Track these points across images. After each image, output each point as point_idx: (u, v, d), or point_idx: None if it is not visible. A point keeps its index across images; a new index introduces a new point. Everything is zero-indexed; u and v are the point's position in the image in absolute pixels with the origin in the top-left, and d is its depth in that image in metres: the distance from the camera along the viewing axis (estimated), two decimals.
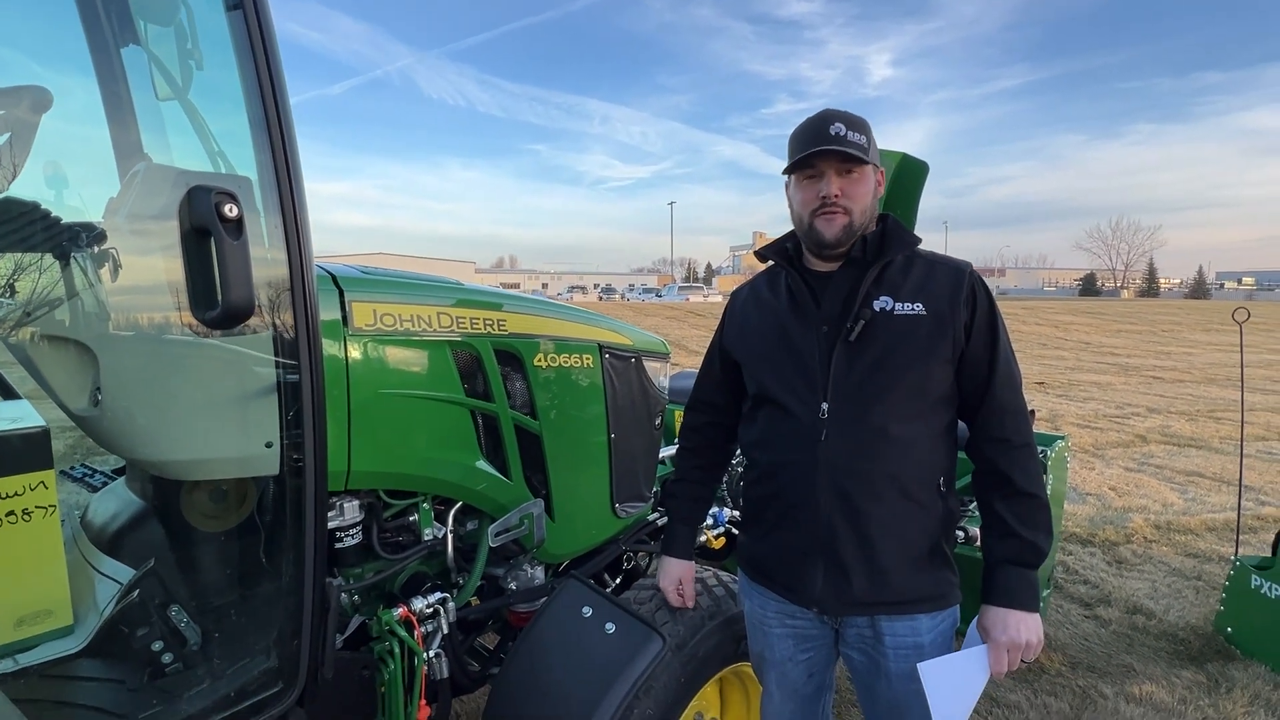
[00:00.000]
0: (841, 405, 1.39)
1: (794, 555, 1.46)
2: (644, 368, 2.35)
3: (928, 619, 1.42)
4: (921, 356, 1.38)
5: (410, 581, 1.83)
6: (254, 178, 1.21)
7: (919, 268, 1.44)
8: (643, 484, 2.44)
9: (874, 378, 1.38)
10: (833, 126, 1.38)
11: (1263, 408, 9.82)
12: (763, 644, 1.60)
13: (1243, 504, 5.30)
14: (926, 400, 1.41)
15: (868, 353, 1.39)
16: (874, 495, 1.38)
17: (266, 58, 1.15)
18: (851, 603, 1.42)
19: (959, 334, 1.39)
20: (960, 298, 1.39)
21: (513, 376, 1.93)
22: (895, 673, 1.43)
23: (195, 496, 1.45)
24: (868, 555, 1.39)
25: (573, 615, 1.68)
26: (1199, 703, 2.72)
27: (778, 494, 1.48)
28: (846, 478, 1.38)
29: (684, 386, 4.21)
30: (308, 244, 1.21)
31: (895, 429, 1.38)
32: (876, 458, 1.38)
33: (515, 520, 1.85)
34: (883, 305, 1.40)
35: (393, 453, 1.65)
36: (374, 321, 1.60)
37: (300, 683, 1.25)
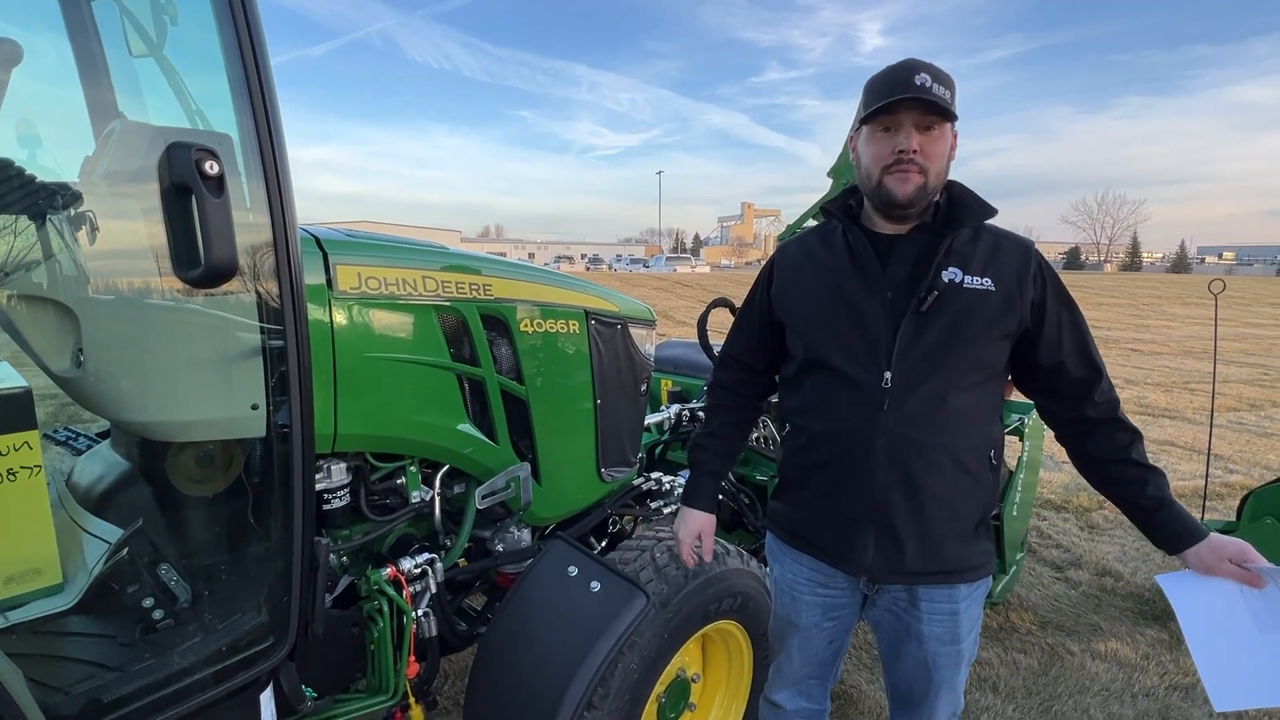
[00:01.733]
0: (906, 375, 1.36)
1: (844, 523, 1.45)
2: (630, 334, 2.36)
3: (966, 587, 1.45)
4: (987, 331, 1.36)
5: (398, 543, 1.86)
6: (234, 135, 1.19)
7: (985, 240, 1.41)
8: (628, 449, 2.47)
9: (940, 350, 1.35)
10: (918, 76, 1.29)
11: (1235, 379, 10.04)
12: (790, 610, 1.59)
13: (1212, 472, 5.46)
14: (986, 373, 1.40)
15: (936, 324, 1.35)
16: (932, 466, 1.37)
17: (245, 10, 1.13)
18: (901, 572, 1.42)
19: (1025, 312, 1.37)
20: (1029, 276, 1.38)
21: (499, 341, 1.94)
22: (928, 635, 1.45)
23: (182, 458, 1.45)
24: (921, 526, 1.39)
25: (559, 574, 1.72)
26: (1160, 659, 2.84)
27: (829, 462, 1.44)
28: (906, 448, 1.36)
29: (670, 355, 4.26)
30: (290, 203, 1.21)
31: (956, 400, 1.37)
32: (937, 429, 1.36)
33: (502, 483, 1.87)
34: (951, 277, 1.36)
35: (379, 416, 1.66)
36: (359, 285, 1.59)
37: (290, 638, 1.28)
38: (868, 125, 1.37)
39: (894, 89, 1.30)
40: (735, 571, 1.91)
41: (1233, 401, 8.36)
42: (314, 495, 1.32)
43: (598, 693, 1.55)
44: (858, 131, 1.42)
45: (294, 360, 1.23)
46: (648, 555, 1.83)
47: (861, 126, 1.39)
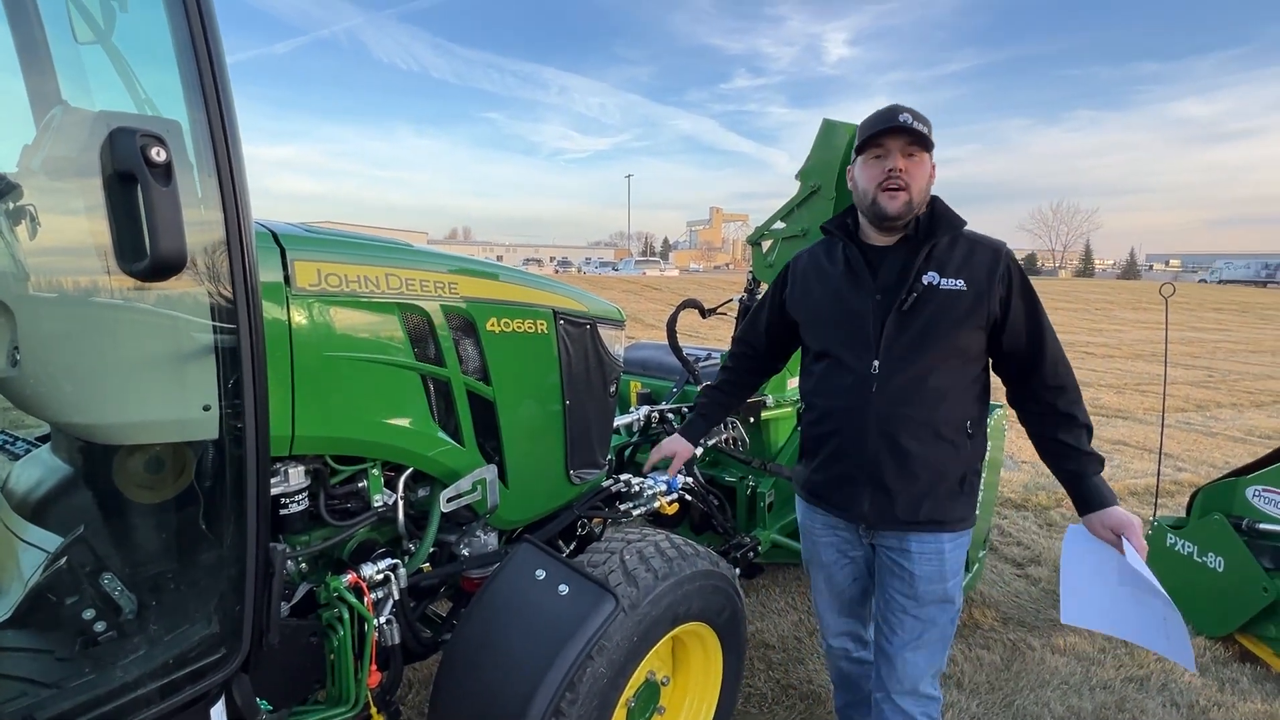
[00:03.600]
0: (890, 363, 1.66)
1: (845, 481, 1.78)
2: (599, 335, 2.34)
3: (950, 536, 1.74)
4: (960, 325, 1.63)
5: (360, 548, 1.80)
6: (184, 123, 1.14)
7: (962, 246, 1.68)
8: (597, 451, 2.44)
9: (919, 341, 1.64)
10: (902, 115, 1.62)
11: (1182, 381, 10.43)
12: (812, 548, 1.97)
13: (1163, 470, 5.66)
14: (960, 359, 1.67)
15: (916, 320, 1.64)
16: (913, 435, 1.67)
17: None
18: (892, 520, 1.73)
19: (994, 307, 1.63)
20: (997, 275, 1.64)
21: (465, 341, 1.90)
22: (919, 574, 1.73)
23: (128, 462, 1.38)
24: (907, 483, 1.69)
25: (526, 578, 1.68)
26: (1116, 652, 2.91)
27: (834, 432, 1.78)
28: (891, 421, 1.67)
29: (639, 357, 4.24)
30: (244, 195, 1.16)
31: (932, 382, 1.65)
32: (916, 405, 1.66)
33: (468, 486, 1.83)
34: (930, 280, 1.64)
35: (339, 418, 1.61)
36: (318, 281, 1.54)
37: (244, 649, 1.22)
38: (862, 155, 1.69)
39: (884, 122, 1.62)
40: (704, 573, 1.90)
41: (1180, 402, 8.68)
42: (269, 500, 1.27)
43: (565, 698, 1.52)
44: (853, 163, 1.74)
45: (248, 359, 1.18)
46: (616, 558, 1.81)
47: (857, 157, 1.71)
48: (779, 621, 3.13)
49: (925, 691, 1.82)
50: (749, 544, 3.09)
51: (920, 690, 1.81)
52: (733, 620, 2.06)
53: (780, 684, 2.68)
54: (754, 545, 3.11)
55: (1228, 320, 23.46)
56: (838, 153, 2.84)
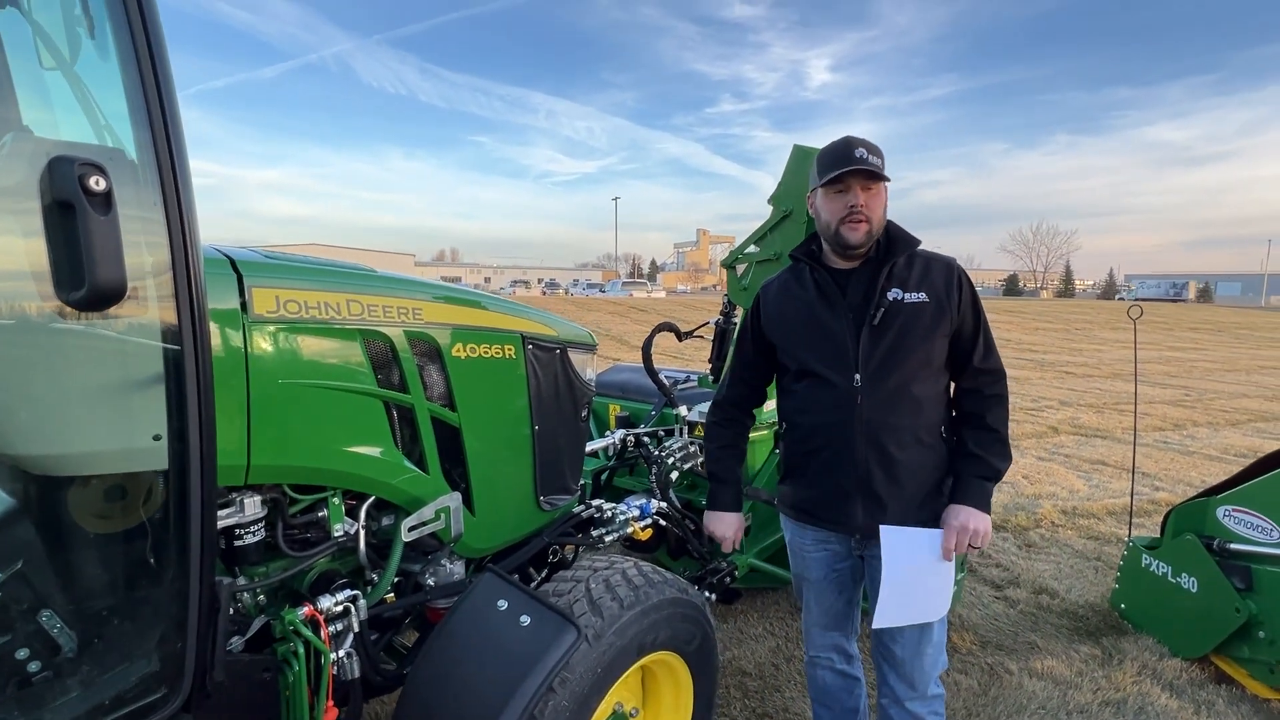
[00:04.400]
0: (871, 375, 1.76)
1: (838, 495, 1.84)
2: (569, 359, 2.33)
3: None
4: (927, 334, 1.75)
5: (320, 579, 1.76)
6: (133, 150, 1.13)
7: (919, 264, 1.81)
8: (569, 476, 2.42)
9: (893, 352, 1.75)
10: (857, 151, 1.71)
11: (1160, 400, 10.57)
12: (802, 567, 2.02)
13: (1140, 489, 5.69)
14: (931, 367, 1.79)
15: (887, 333, 1.75)
16: (900, 443, 1.77)
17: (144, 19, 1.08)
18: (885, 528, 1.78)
19: (954, 315, 1.77)
20: (953, 285, 1.79)
21: (429, 367, 1.88)
22: None
23: (69, 493, 1.35)
24: (897, 490, 1.78)
25: (488, 608, 1.65)
26: (1094, 674, 2.90)
27: (821, 448, 1.84)
28: (879, 431, 1.76)
29: (619, 380, 4.23)
30: (192, 222, 1.14)
31: (913, 390, 1.77)
32: (899, 414, 1.76)
33: (430, 514, 1.81)
34: (895, 295, 1.77)
35: (297, 446, 1.58)
36: (276, 308, 1.52)
37: (185, 687, 1.18)
38: (823, 189, 1.78)
39: (843, 161, 1.71)
40: (672, 601, 1.87)
41: (1158, 422, 8.78)
42: (215, 533, 1.24)
43: None
44: (814, 193, 1.84)
45: (194, 388, 1.16)
46: (582, 587, 1.78)
47: (817, 189, 1.80)
48: (756, 648, 3.09)
49: (933, 692, 1.93)
50: (726, 569, 3.06)
51: (929, 692, 1.91)
52: (703, 649, 2.03)
53: (756, 712, 2.64)
54: (731, 570, 3.08)
55: (1204, 340, 23.88)
56: (809, 178, 2.87)
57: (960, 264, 1.86)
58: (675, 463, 3.07)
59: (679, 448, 3.12)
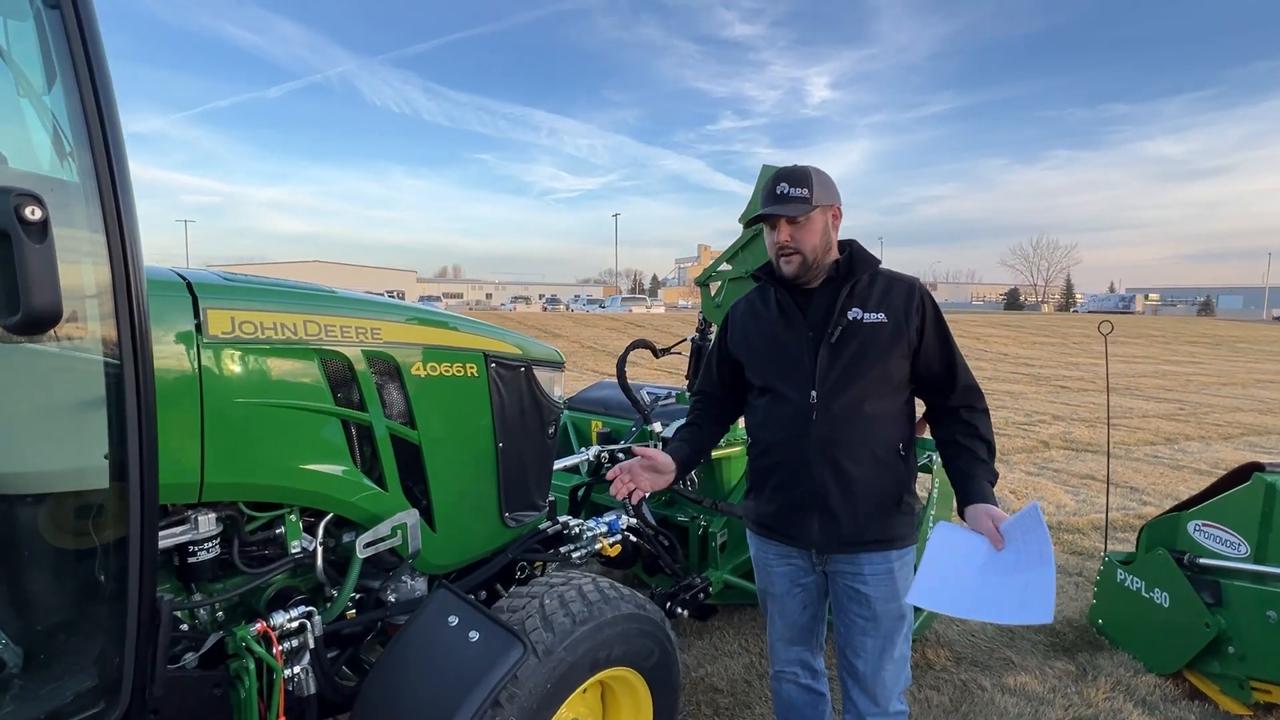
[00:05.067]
0: (827, 392, 1.79)
1: (794, 509, 1.87)
2: (535, 377, 2.36)
3: (896, 552, 1.85)
4: (884, 354, 1.78)
5: (278, 596, 1.78)
6: (76, 178, 1.17)
7: (880, 284, 1.85)
8: (535, 493, 2.44)
9: (849, 371, 1.78)
10: (779, 187, 1.78)
11: (1153, 414, 10.56)
12: (766, 581, 2.04)
13: (1127, 504, 5.69)
14: (888, 386, 1.82)
15: (845, 352, 1.79)
16: (853, 459, 1.79)
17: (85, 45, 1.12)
18: (840, 542, 1.83)
19: (912, 336, 1.80)
20: (912, 307, 1.81)
21: (389, 386, 1.91)
22: (874, 595, 1.83)
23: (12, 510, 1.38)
24: (851, 505, 1.80)
25: (438, 624, 1.67)
26: (1066, 691, 2.89)
27: (780, 463, 1.88)
28: (833, 447, 1.79)
29: (601, 396, 4.27)
30: (135, 247, 1.18)
31: (867, 408, 1.80)
32: (854, 430, 1.79)
33: (386, 531, 1.83)
34: (854, 315, 1.80)
35: (252, 464, 1.61)
36: (232, 329, 1.56)
37: (124, 701, 1.21)
38: (762, 224, 1.87)
39: (766, 202, 1.81)
40: (628, 616, 1.89)
41: (1150, 436, 8.77)
42: (155, 551, 1.26)
43: None
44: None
45: (134, 408, 1.19)
46: (536, 602, 1.80)
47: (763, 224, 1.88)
48: (730, 665, 3.09)
49: (896, 709, 1.93)
50: (699, 585, 3.07)
51: (892, 708, 1.92)
52: (662, 665, 2.04)
53: None
54: (705, 586, 3.09)
55: (1202, 353, 23.87)
56: None
57: (923, 284, 1.90)
58: None
59: None
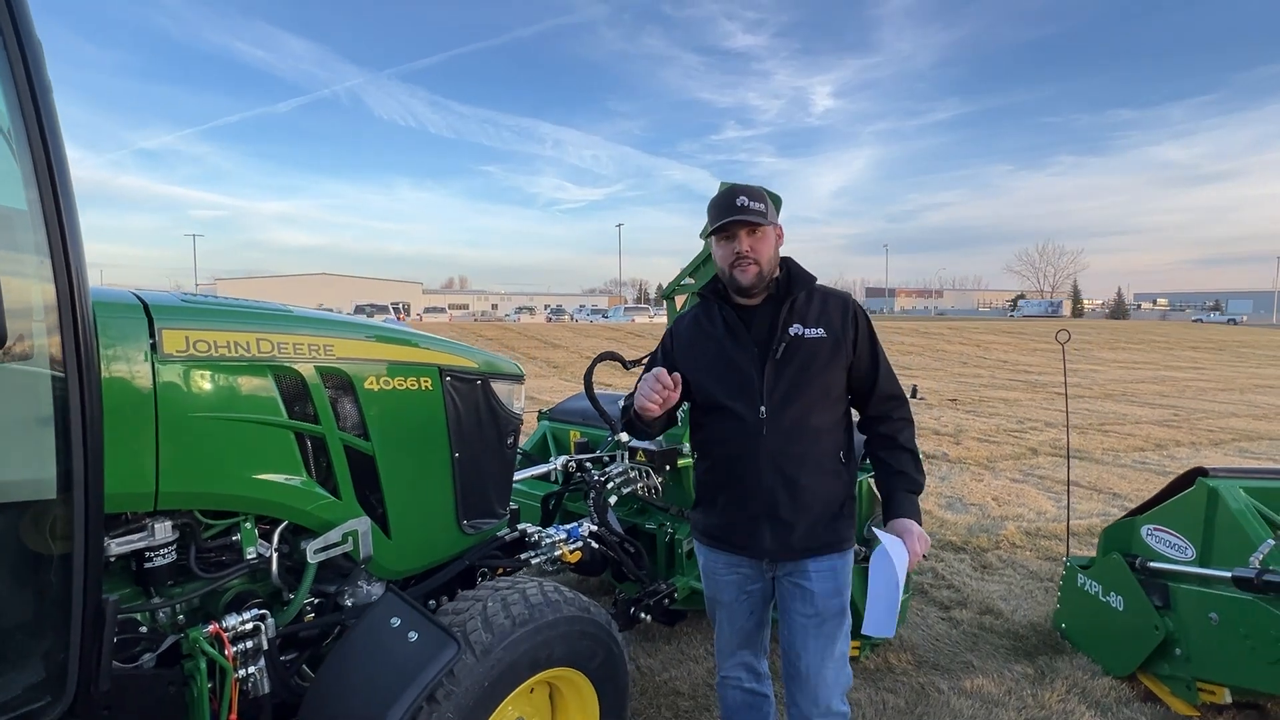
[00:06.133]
0: (775, 407, 1.88)
1: (746, 521, 1.95)
2: (492, 389, 2.46)
3: (839, 555, 1.96)
4: (826, 366, 1.89)
5: (235, 600, 1.88)
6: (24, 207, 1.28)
7: (816, 300, 1.96)
8: (495, 501, 2.53)
9: (795, 385, 1.87)
10: (739, 199, 1.85)
11: (1147, 420, 10.56)
12: (715, 589, 2.11)
13: (1109, 509, 5.72)
14: (830, 398, 1.92)
15: (789, 367, 1.88)
16: (802, 469, 1.89)
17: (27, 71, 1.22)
18: (792, 550, 1.92)
19: (849, 348, 1.92)
20: (848, 321, 1.93)
21: (343, 399, 2.01)
22: (818, 591, 1.93)
23: None
24: (801, 514, 1.90)
25: (381, 626, 1.76)
26: (1021, 694, 2.95)
27: (730, 477, 1.95)
28: (783, 459, 1.88)
29: (579, 407, 4.36)
30: (80, 271, 1.28)
31: (813, 420, 1.90)
32: (802, 442, 1.89)
33: (337, 537, 1.92)
34: (795, 331, 1.91)
35: (206, 474, 1.71)
36: (186, 348, 1.66)
37: (69, 696, 1.30)
38: (715, 236, 1.93)
39: (725, 212, 1.86)
40: (571, 618, 1.97)
41: (1140, 442, 8.78)
42: (100, 555, 1.36)
43: None
44: (709, 238, 2.00)
45: (78, 423, 1.29)
46: (480, 605, 1.89)
47: (711, 236, 1.95)
48: (694, 669, 3.17)
49: (838, 709, 1.98)
50: (664, 590, 3.15)
51: (834, 708, 1.97)
52: (607, 666, 2.12)
53: None
54: (670, 592, 3.17)
55: (1202, 359, 23.77)
56: None
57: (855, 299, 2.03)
58: (614, 487, 3.18)
59: (619, 472, 3.24)
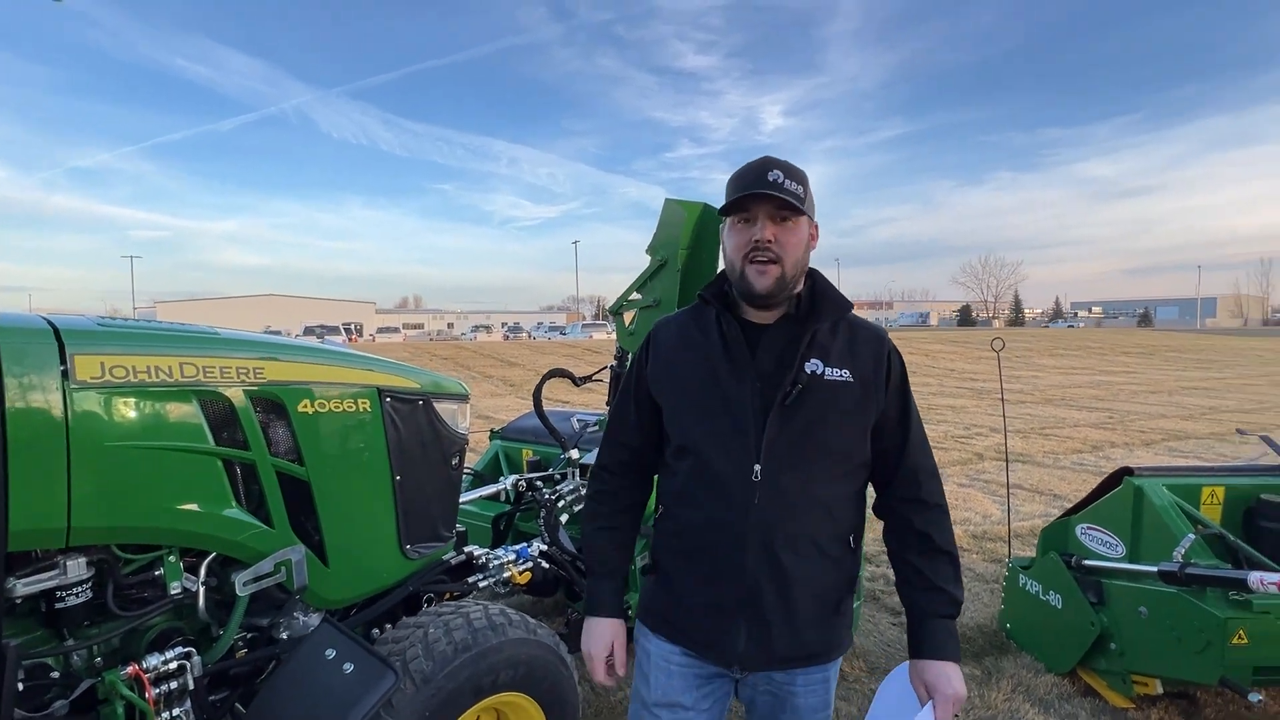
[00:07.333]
0: (774, 468, 1.37)
1: (716, 613, 1.44)
2: (434, 410, 2.41)
3: (831, 666, 1.51)
4: (849, 424, 1.41)
5: (160, 638, 1.79)
6: None
7: (843, 331, 1.45)
8: (439, 524, 2.48)
9: (804, 443, 1.38)
10: (771, 173, 1.36)
11: (1084, 423, 11.03)
12: (661, 688, 1.51)
13: (1051, 511, 5.93)
14: (849, 465, 1.45)
15: (800, 417, 1.38)
16: (797, 554, 1.40)
17: None
18: (772, 658, 1.43)
19: (882, 398, 1.43)
20: (881, 362, 1.44)
21: (275, 424, 1.95)
22: (804, 706, 1.47)
23: None
24: (789, 612, 1.40)
25: (315, 658, 1.70)
26: (969, 695, 3.01)
27: (701, 552, 1.44)
28: (775, 538, 1.38)
29: (532, 425, 4.31)
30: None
31: (821, 492, 1.41)
32: (803, 519, 1.40)
33: (269, 568, 1.85)
34: (813, 368, 1.40)
35: (125, 507, 1.63)
36: (101, 374, 1.59)
37: None
38: (730, 218, 1.44)
39: (749, 184, 1.37)
40: (516, 642, 1.94)
41: (1078, 444, 9.16)
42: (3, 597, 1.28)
43: None
44: (723, 226, 1.48)
45: None
46: (421, 632, 1.84)
47: (725, 219, 1.46)
48: None
49: None
50: None
51: None
52: (556, 689, 2.08)
53: None
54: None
55: (1134, 363, 25.00)
56: (677, 230, 3.07)
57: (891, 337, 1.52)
58: (566, 505, 3.16)
59: (569, 490, 3.21)
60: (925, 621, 1.44)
